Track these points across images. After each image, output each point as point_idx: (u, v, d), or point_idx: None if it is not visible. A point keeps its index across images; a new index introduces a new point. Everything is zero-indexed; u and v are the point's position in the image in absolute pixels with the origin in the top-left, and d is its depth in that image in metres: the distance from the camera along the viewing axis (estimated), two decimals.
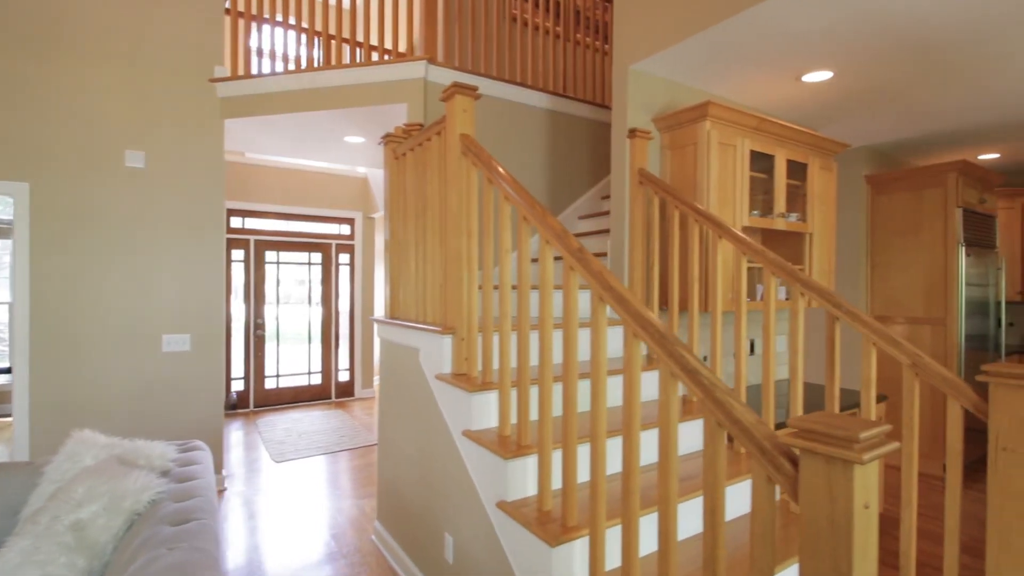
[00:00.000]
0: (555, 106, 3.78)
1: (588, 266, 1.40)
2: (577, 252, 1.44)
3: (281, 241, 6.05)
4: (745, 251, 2.13)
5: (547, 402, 1.59)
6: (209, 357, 3.52)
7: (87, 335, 3.18)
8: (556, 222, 1.55)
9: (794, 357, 1.97)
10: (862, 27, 2.22)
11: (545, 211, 1.60)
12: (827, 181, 3.17)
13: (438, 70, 3.19)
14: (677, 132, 2.68)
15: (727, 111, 2.56)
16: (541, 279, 1.62)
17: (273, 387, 6.01)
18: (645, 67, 2.62)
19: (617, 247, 2.73)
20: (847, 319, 1.79)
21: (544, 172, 3.75)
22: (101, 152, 3.20)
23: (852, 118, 3.37)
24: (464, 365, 2.05)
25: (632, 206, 2.63)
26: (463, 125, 2.06)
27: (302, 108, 3.39)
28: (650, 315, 1.24)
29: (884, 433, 0.85)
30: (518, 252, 1.73)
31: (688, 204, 2.34)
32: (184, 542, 1.52)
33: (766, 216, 2.93)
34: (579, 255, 1.43)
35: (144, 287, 3.32)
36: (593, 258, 1.42)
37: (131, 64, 3.27)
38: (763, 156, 3.00)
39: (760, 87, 2.86)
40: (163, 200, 3.37)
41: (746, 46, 2.39)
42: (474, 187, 2.02)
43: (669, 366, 1.17)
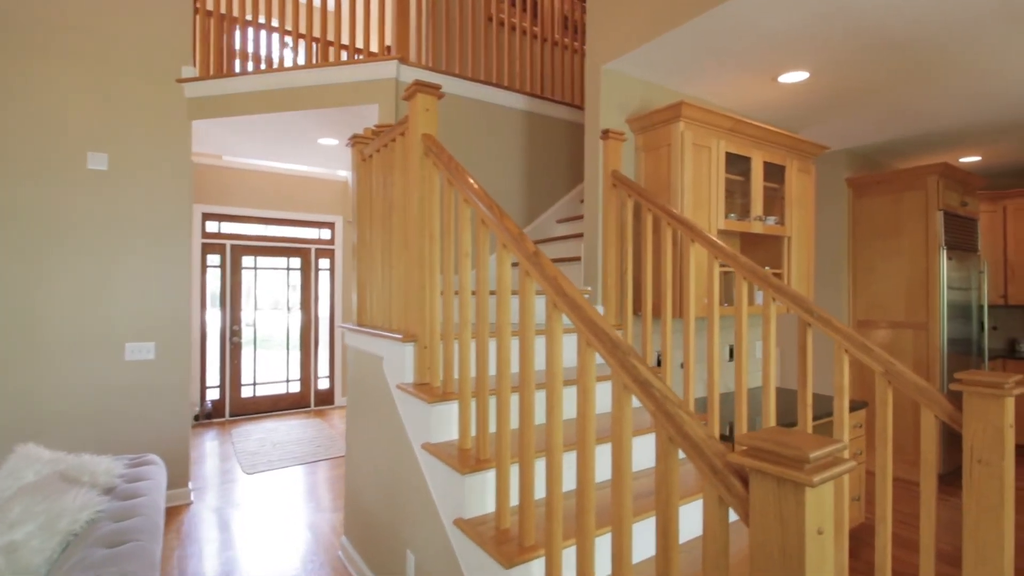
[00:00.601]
0: (533, 108, 3.73)
1: (543, 271, 1.33)
2: (532, 256, 1.37)
3: (259, 246, 5.93)
4: (717, 255, 2.06)
5: (505, 414, 1.51)
6: (175, 366, 3.40)
7: (46, 343, 3.06)
8: (513, 225, 1.48)
9: (766, 364, 1.91)
10: (836, 25, 2.17)
11: (503, 213, 1.53)
12: (806, 184, 3.12)
13: (410, 70, 3.12)
14: (651, 133, 2.63)
15: (701, 112, 2.50)
16: (499, 285, 1.54)
17: (250, 395, 5.88)
18: (619, 66, 2.57)
19: (591, 251, 2.66)
20: (819, 325, 1.72)
21: (522, 175, 3.68)
22: (62, 154, 3.10)
23: (831, 120, 3.34)
24: (426, 374, 1.96)
25: (605, 209, 2.57)
26: (425, 125, 1.98)
27: (271, 109, 3.30)
28: (604, 323, 1.17)
29: (838, 452, 0.78)
30: (477, 257, 1.66)
31: (660, 207, 2.28)
32: (114, 566, 1.43)
33: (743, 219, 2.87)
34: (534, 259, 1.36)
35: (106, 294, 3.21)
36: (549, 262, 1.35)
37: (95, 64, 3.17)
38: (739, 158, 2.95)
39: (737, 88, 2.82)
40: (127, 203, 3.27)
41: (720, 46, 2.34)
42: (436, 189, 1.94)
43: (621, 378, 1.09)
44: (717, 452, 0.89)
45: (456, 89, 3.37)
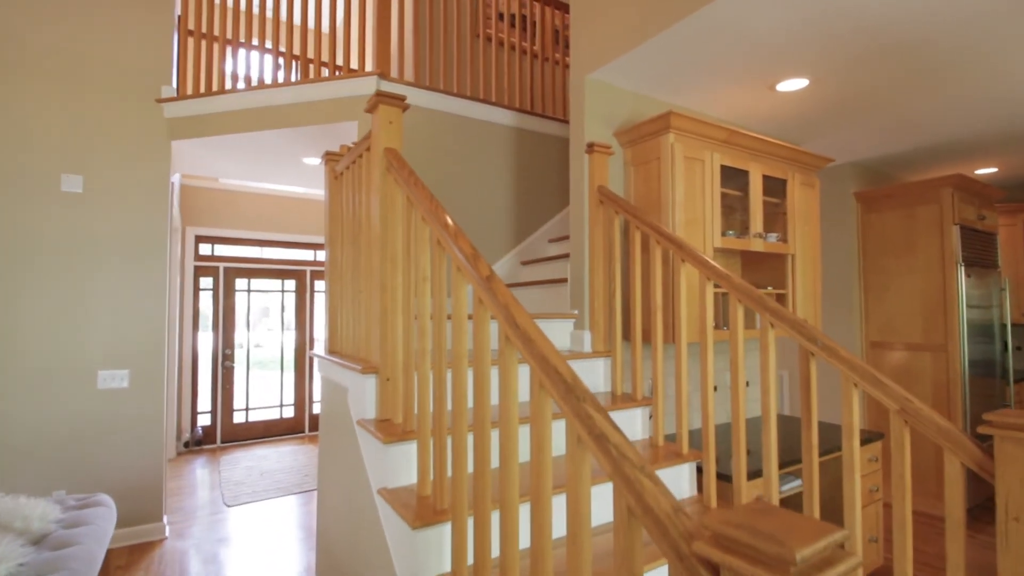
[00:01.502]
0: (523, 124, 3.59)
1: (495, 297, 1.15)
2: (485, 281, 1.19)
3: (253, 268, 5.83)
4: (710, 275, 1.88)
5: (461, 459, 1.33)
6: (149, 394, 3.25)
7: (14, 371, 2.93)
8: (468, 245, 1.31)
9: (765, 396, 1.70)
10: (836, 27, 2.01)
11: (459, 232, 1.36)
12: (809, 198, 2.94)
13: (391, 86, 3.01)
14: (639, 146, 2.47)
15: (692, 123, 2.34)
16: (454, 312, 1.37)
17: (242, 421, 5.72)
18: (603, 76, 2.42)
19: (577, 272, 2.49)
20: (823, 355, 1.53)
21: (513, 193, 3.54)
22: (34, 176, 3.00)
23: (835, 131, 3.16)
24: (388, 410, 1.78)
25: (592, 227, 2.40)
26: (388, 138, 1.84)
27: (251, 128, 3.20)
28: (558, 361, 0.99)
29: (836, 544, 0.59)
30: (432, 281, 1.49)
31: (649, 224, 2.11)
32: None
33: (743, 236, 2.69)
34: (487, 284, 1.19)
35: (79, 319, 3.08)
36: (503, 288, 1.17)
37: (71, 84, 3.10)
38: (737, 172, 2.78)
39: (732, 98, 2.66)
40: (102, 226, 3.16)
41: (710, 52, 2.18)
42: (398, 208, 1.79)
43: (575, 428, 0.91)
44: (683, 533, 0.70)
45: (441, 105, 3.25)
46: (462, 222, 3.28)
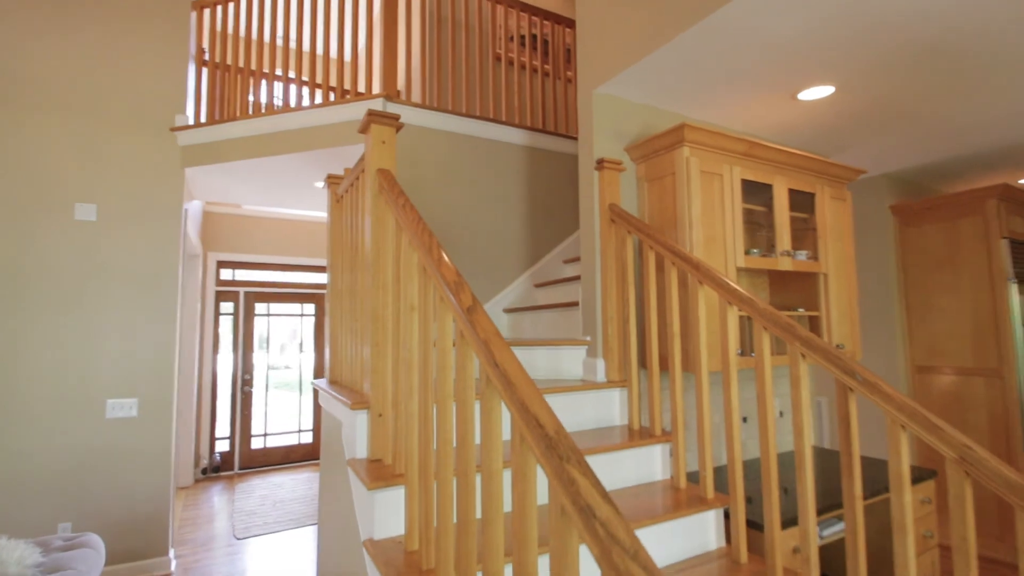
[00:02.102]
0: (537, 142, 3.49)
1: (475, 331, 1.02)
2: (466, 312, 1.06)
3: (272, 292, 5.85)
4: (731, 299, 1.71)
5: (446, 510, 1.18)
6: (158, 424, 3.21)
7: (23, 401, 2.92)
8: (451, 271, 1.19)
9: (798, 438, 1.51)
10: (859, 30, 1.85)
11: (443, 258, 1.24)
12: (840, 213, 2.73)
13: (398, 107, 2.95)
14: (653, 161, 2.32)
15: (709, 135, 2.19)
16: (440, 346, 1.24)
17: (260, 447, 5.66)
18: (612, 90, 2.30)
19: (588, 296, 2.34)
20: (863, 391, 1.33)
21: (526, 213, 3.42)
22: (49, 205, 3.03)
23: (866, 141, 2.96)
24: (379, 449, 1.65)
25: (603, 247, 2.25)
26: (381, 159, 1.75)
27: (261, 153, 3.18)
28: (540, 408, 0.84)
29: None
30: (420, 311, 1.37)
31: (663, 243, 1.95)
32: None
33: (769, 255, 2.50)
34: (469, 316, 1.06)
35: (89, 348, 3.07)
36: (486, 321, 1.04)
37: (87, 115, 3.14)
38: (759, 186, 2.61)
39: (752, 109, 2.50)
40: (115, 254, 3.16)
41: (725, 60, 2.04)
42: (389, 232, 1.69)
43: (558, 497, 0.76)
44: None
45: (452, 126, 3.18)
46: (473, 244, 3.18)
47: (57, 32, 3.11)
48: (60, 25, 3.11)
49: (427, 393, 1.30)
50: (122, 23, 3.26)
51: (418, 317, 1.40)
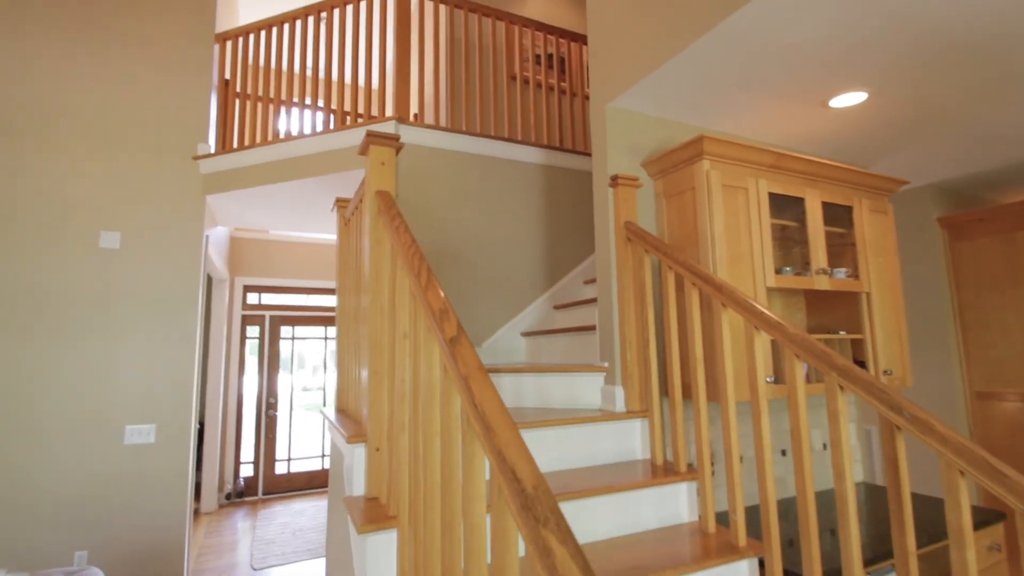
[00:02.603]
0: (555, 161, 3.41)
1: (456, 364, 0.91)
2: (449, 343, 0.96)
3: (298, 316, 5.89)
4: (757, 323, 1.55)
5: (432, 559, 1.06)
6: (175, 450, 3.19)
7: (47, 426, 2.95)
8: (438, 298, 1.09)
9: (839, 482, 1.33)
10: (892, 30, 1.70)
11: (431, 283, 1.14)
12: (882, 226, 2.53)
13: (411, 130, 2.92)
14: (671, 176, 2.20)
15: (730, 147, 2.06)
16: (427, 378, 1.13)
17: (284, 472, 5.64)
18: (627, 103, 2.20)
19: (605, 319, 2.20)
20: (913, 431, 1.16)
21: (545, 232, 3.32)
22: (75, 234, 3.11)
23: (907, 149, 2.75)
24: (376, 486, 1.55)
25: (620, 268, 2.12)
26: (380, 181, 1.68)
27: (279, 179, 3.20)
28: (518, 458, 0.72)
29: None
30: (413, 340, 1.27)
31: (683, 263, 1.81)
32: None
33: (803, 273, 2.31)
34: (450, 347, 0.95)
35: (109, 373, 3.10)
36: (468, 354, 0.93)
37: (112, 146, 3.23)
38: (790, 200, 2.44)
39: (779, 119, 2.35)
40: (137, 281, 3.21)
41: (746, 67, 1.92)
42: (386, 255, 1.61)
43: (534, 566, 0.63)
44: None
45: (467, 147, 3.12)
46: (490, 266, 3.09)
47: (87, 66, 3.23)
48: (90, 59, 3.23)
49: (417, 428, 1.20)
50: (148, 56, 3.36)
51: (410, 346, 1.30)
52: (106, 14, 3.29)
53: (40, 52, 3.14)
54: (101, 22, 3.27)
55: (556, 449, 1.91)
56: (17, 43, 3.11)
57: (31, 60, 3.12)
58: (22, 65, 3.10)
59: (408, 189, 2.91)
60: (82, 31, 3.23)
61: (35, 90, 3.11)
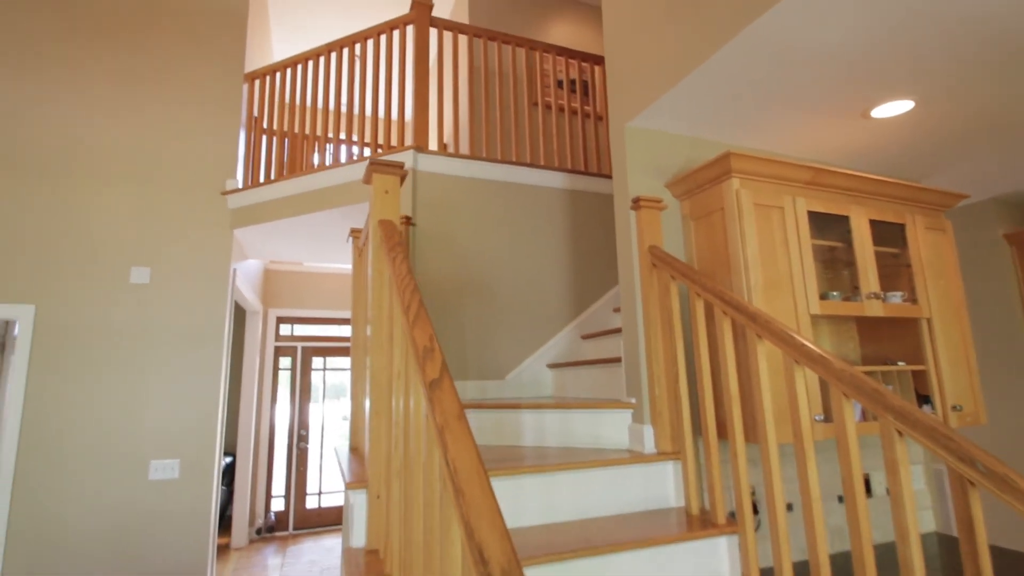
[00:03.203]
0: (580, 185, 3.30)
1: (433, 411, 0.80)
2: (428, 387, 0.85)
3: (329, 347, 5.92)
4: (798, 357, 1.38)
5: None
6: (198, 486, 3.17)
7: (74, 462, 2.98)
8: (424, 335, 0.98)
9: (902, 545, 1.12)
10: (940, 32, 1.54)
11: (419, 318, 1.04)
12: (940, 245, 2.29)
13: (429, 158, 2.89)
14: (697, 197, 2.05)
15: (762, 163, 1.90)
16: (414, 426, 1.02)
17: (315, 507, 5.58)
18: (647, 122, 2.08)
19: (631, 351, 2.04)
20: (990, 487, 0.96)
21: (570, 259, 3.20)
22: (107, 270, 3.20)
23: (961, 162, 2.51)
24: (376, 537, 1.43)
25: (645, 296, 1.98)
26: (383, 210, 1.61)
27: (303, 211, 3.23)
28: (490, 536, 0.60)
29: None
30: (404, 376, 1.17)
31: (711, 290, 1.66)
32: None
33: (852, 299, 2.10)
34: (429, 391, 0.84)
35: (135, 408, 3.13)
36: (450, 399, 0.82)
37: (144, 184, 3.35)
38: (832, 219, 2.25)
39: (814, 133, 2.18)
40: (164, 316, 3.26)
41: (774, 77, 1.78)
42: (386, 287, 1.52)
43: None
44: None
45: (489, 174, 3.06)
46: (514, 294, 2.98)
47: (125, 110, 3.37)
48: (128, 103, 3.38)
49: (407, 478, 1.08)
50: (183, 99, 3.50)
51: (402, 385, 1.20)
52: (145, 61, 3.45)
53: (82, 98, 3.31)
54: (139, 69, 3.44)
55: (579, 495, 1.75)
56: (60, 91, 3.28)
57: (73, 106, 3.29)
58: (64, 111, 3.27)
59: (429, 219, 2.86)
60: (123, 77, 3.39)
61: (75, 133, 3.27)
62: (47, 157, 3.19)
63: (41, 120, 3.21)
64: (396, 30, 3.31)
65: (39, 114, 3.22)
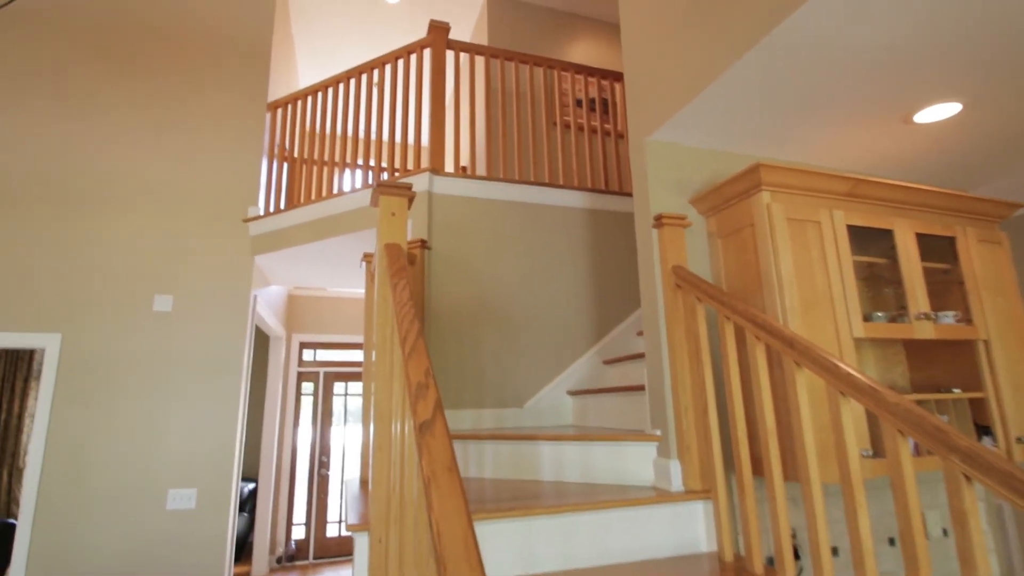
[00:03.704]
0: (601, 204, 3.20)
1: (421, 458, 0.69)
2: (418, 429, 0.75)
3: (352, 372, 5.89)
4: (843, 388, 1.23)
5: None
6: (215, 515, 3.11)
7: (94, 490, 2.97)
8: (419, 370, 0.89)
9: None
10: (988, 27, 1.40)
11: (416, 350, 0.95)
12: (996, 259, 2.10)
13: (446, 181, 2.84)
14: (725, 213, 1.93)
15: (795, 174, 1.77)
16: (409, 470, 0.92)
17: (335, 535, 5.48)
18: (669, 135, 1.98)
19: (655, 379, 1.91)
20: None
21: (593, 281, 3.08)
22: (131, 298, 3.23)
23: (1015, 168, 2.32)
24: None
25: (669, 320, 1.85)
26: (390, 233, 1.55)
27: (321, 236, 3.21)
28: None
29: None
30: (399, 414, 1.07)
31: (742, 312, 1.52)
32: None
33: (899, 320, 1.93)
34: (421, 434, 0.74)
35: (154, 436, 3.11)
36: (439, 445, 0.71)
37: (168, 213, 3.39)
38: (874, 233, 2.09)
39: (850, 141, 2.04)
40: (184, 344, 3.26)
41: (805, 82, 1.66)
42: (390, 315, 1.44)
43: None
44: None
45: (506, 195, 2.99)
46: (533, 318, 2.87)
47: (152, 142, 3.45)
48: (155, 135, 3.46)
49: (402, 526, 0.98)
50: (207, 129, 3.56)
51: (401, 421, 1.10)
52: (172, 94, 3.54)
53: (110, 132, 3.40)
54: (166, 103, 3.52)
55: (600, 538, 1.61)
56: (89, 125, 3.37)
57: (101, 139, 3.37)
58: (92, 144, 3.35)
59: (446, 242, 2.79)
60: (150, 111, 3.48)
61: (103, 166, 3.34)
62: (75, 189, 3.27)
63: (71, 154, 3.30)
64: (413, 54, 3.31)
65: (69, 148, 3.31)
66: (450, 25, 3.05)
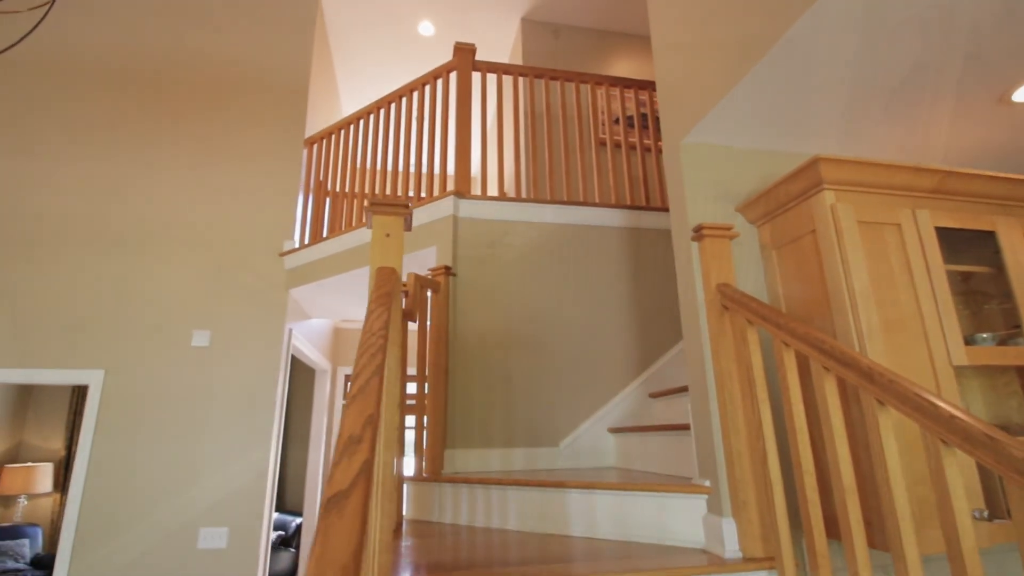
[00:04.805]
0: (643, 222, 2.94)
1: (314, 549, 0.49)
2: (330, 502, 0.55)
3: None
4: (947, 436, 0.93)
5: None
6: (245, 556, 3.01)
7: (130, 529, 2.94)
8: (359, 417, 0.69)
9: None
10: None
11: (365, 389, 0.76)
12: None
13: (472, 204, 2.70)
14: (780, 220, 1.64)
15: (863, 168, 1.48)
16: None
17: None
18: (706, 136, 1.74)
19: (701, 418, 1.62)
20: None
21: (635, 305, 2.81)
22: (171, 335, 3.27)
23: None
24: None
25: (715, 348, 1.57)
26: (384, 255, 1.39)
27: (351, 267, 3.14)
28: None
29: None
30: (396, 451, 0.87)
31: (804, 337, 1.24)
32: None
33: (1011, 342, 1.56)
34: (329, 509, 0.54)
35: (189, 473, 3.07)
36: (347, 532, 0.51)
37: (206, 249, 3.45)
38: (971, 235, 1.72)
39: (930, 130, 1.71)
40: (220, 378, 3.25)
41: (865, 60, 1.39)
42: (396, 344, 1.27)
43: None
44: None
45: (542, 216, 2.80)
46: (569, 347, 2.63)
47: (193, 181, 3.55)
48: (196, 174, 3.56)
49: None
50: (246, 169, 3.63)
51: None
52: (214, 136, 3.65)
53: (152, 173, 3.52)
54: (209, 143, 3.63)
55: None
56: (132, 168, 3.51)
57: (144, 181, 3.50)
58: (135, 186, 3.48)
59: (472, 268, 2.63)
60: (193, 152, 3.60)
61: (146, 207, 3.46)
62: (119, 229, 3.39)
63: (118, 196, 3.44)
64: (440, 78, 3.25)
65: (118, 191, 3.45)
66: (475, 46, 2.96)
